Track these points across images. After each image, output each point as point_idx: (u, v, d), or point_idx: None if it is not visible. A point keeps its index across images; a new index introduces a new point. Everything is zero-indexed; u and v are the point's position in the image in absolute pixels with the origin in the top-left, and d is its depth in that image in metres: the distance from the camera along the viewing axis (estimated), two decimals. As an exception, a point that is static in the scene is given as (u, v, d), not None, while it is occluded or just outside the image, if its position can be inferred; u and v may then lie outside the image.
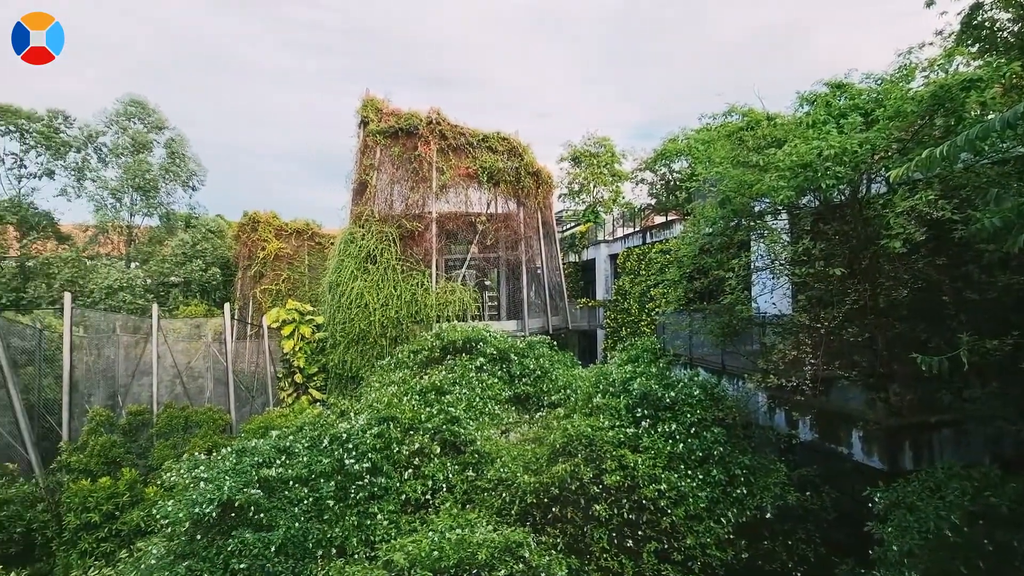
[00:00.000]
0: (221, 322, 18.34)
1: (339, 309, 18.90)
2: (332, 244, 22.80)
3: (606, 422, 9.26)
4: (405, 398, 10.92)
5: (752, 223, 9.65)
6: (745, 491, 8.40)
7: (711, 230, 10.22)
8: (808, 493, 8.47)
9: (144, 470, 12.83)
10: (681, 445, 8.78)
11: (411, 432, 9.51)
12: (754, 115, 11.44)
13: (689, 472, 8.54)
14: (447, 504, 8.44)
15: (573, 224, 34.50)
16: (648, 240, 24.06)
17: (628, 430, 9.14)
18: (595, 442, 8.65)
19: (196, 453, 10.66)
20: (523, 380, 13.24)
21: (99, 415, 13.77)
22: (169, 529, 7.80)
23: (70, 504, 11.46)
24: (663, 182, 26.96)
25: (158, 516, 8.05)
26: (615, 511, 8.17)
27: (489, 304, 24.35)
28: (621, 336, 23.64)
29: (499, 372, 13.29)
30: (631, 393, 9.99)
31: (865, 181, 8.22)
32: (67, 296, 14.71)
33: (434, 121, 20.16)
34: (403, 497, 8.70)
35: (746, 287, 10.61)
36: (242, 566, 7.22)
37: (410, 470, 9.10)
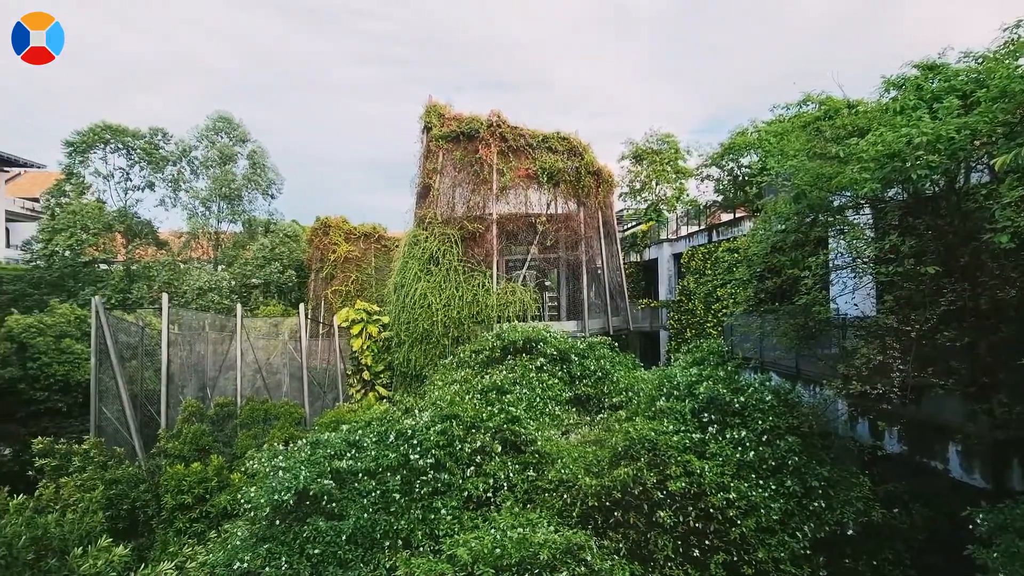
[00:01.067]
0: (296, 321, 19.50)
1: (404, 309, 19.54)
2: (397, 246, 23.63)
3: (670, 426, 8.99)
4: (467, 397, 11.12)
5: (830, 218, 9.03)
6: (823, 505, 7.89)
7: (784, 227, 9.66)
8: (896, 510, 7.82)
9: (230, 457, 13.86)
10: (752, 453, 8.37)
11: (473, 430, 9.67)
12: (833, 103, 10.73)
13: (761, 482, 8.12)
14: (508, 503, 8.51)
15: (634, 223, 33.76)
16: (714, 238, 23.12)
17: (694, 435, 8.83)
18: (659, 446, 8.42)
19: (275, 444, 11.40)
20: (583, 381, 13.12)
21: (191, 406, 15.01)
22: (252, 513, 8.39)
23: (167, 486, 12.59)
24: (730, 178, 25.79)
25: (242, 501, 8.69)
26: (680, 519, 7.91)
27: (549, 304, 24.31)
28: (685, 338, 22.87)
29: (559, 373, 13.25)
30: (697, 397, 9.64)
31: (963, 170, 7.48)
32: (164, 297, 16.18)
33: (494, 124, 20.41)
34: (465, 494, 8.85)
35: (823, 287, 9.94)
36: (316, 552, 7.64)
37: (472, 467, 9.25)
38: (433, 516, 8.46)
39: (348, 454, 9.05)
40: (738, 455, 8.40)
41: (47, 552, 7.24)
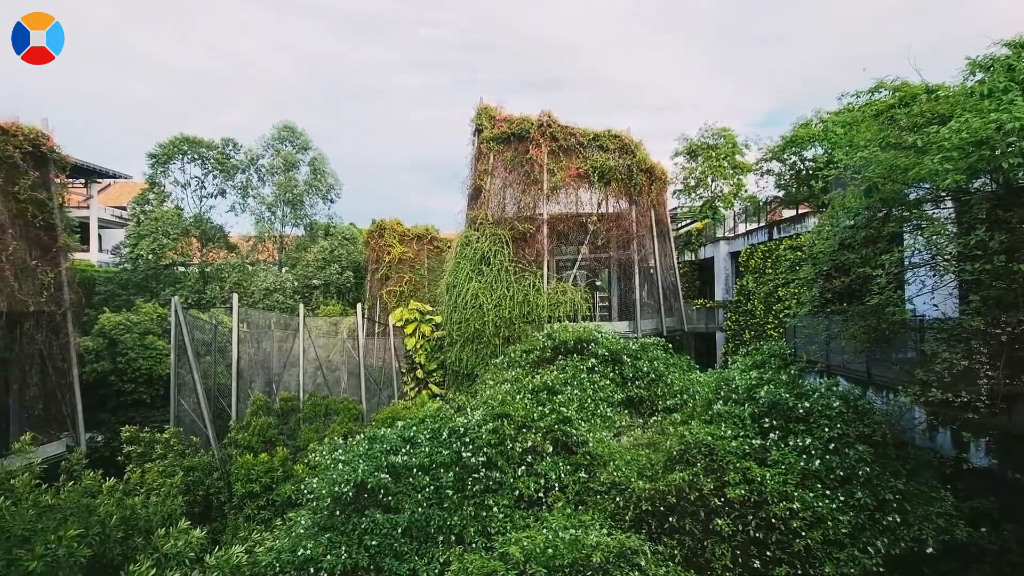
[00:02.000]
0: (354, 321, 20.27)
1: (455, 309, 19.87)
2: (449, 247, 24.06)
3: (728, 431, 8.67)
4: (518, 396, 11.17)
5: (906, 213, 8.42)
6: (898, 519, 7.36)
7: (853, 222, 9.10)
8: (984, 529, 7.18)
9: (293, 449, 14.58)
10: (818, 462, 7.93)
11: (524, 430, 9.70)
12: (908, 89, 9.99)
13: (828, 492, 7.69)
14: (560, 504, 8.49)
15: (689, 221, 32.79)
16: (775, 236, 22.09)
17: (754, 441, 8.47)
18: (716, 451, 8.14)
19: (335, 438, 11.90)
20: (636, 383, 12.87)
21: (258, 400, 15.90)
22: (314, 503, 8.79)
23: (237, 475, 13.40)
24: (792, 172, 24.55)
25: (305, 491, 9.13)
26: (739, 527, 7.62)
27: (600, 305, 24.01)
28: (744, 339, 21.97)
29: (611, 374, 13.06)
30: (757, 401, 9.24)
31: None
32: (235, 297, 17.24)
33: (545, 124, 20.40)
34: (516, 493, 8.90)
35: (898, 286, 9.27)
36: (373, 543, 7.91)
37: (523, 467, 9.29)
38: (485, 513, 8.56)
39: (403, 450, 9.31)
40: (802, 463, 7.99)
41: (134, 531, 7.89)
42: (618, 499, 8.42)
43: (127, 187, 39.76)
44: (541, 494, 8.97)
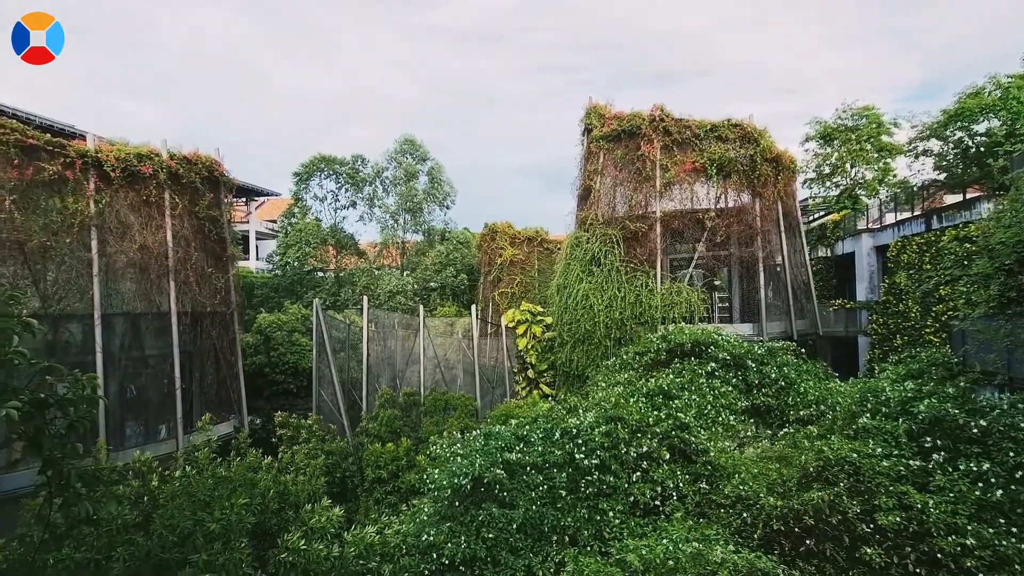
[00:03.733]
0: (468, 321, 21.17)
1: (566, 310, 19.87)
2: (559, 249, 24.15)
3: (877, 448, 7.65)
4: (631, 399, 10.86)
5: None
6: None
7: (1047, 206, 7.56)
8: None
9: (415, 440, 15.60)
10: (999, 492, 6.69)
11: (639, 434, 9.41)
12: None
13: (1014, 530, 6.45)
14: (678, 514, 8.10)
15: (823, 213, 29.55)
16: (935, 225, 19.09)
17: (911, 462, 7.38)
18: (863, 471, 7.22)
19: (453, 432, 12.51)
20: (762, 391, 11.87)
21: (386, 393, 17.24)
22: (435, 493, 9.31)
23: (367, 461, 14.66)
24: (958, 150, 21.02)
25: (427, 481, 9.72)
26: (894, 559, 6.68)
27: (719, 305, 22.53)
28: (894, 345, 19.27)
29: (733, 380, 12.18)
30: (915, 416, 8.05)
31: None
32: (364, 299, 18.90)
33: (657, 118, 19.64)
34: (631, 499, 8.65)
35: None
36: (490, 536, 8.18)
37: (638, 473, 9.01)
38: (599, 517, 8.44)
39: (517, 447, 9.51)
40: (977, 492, 6.79)
41: (286, 505, 8.97)
42: (744, 515, 7.81)
43: (277, 203, 45.49)
44: (657, 502, 8.62)
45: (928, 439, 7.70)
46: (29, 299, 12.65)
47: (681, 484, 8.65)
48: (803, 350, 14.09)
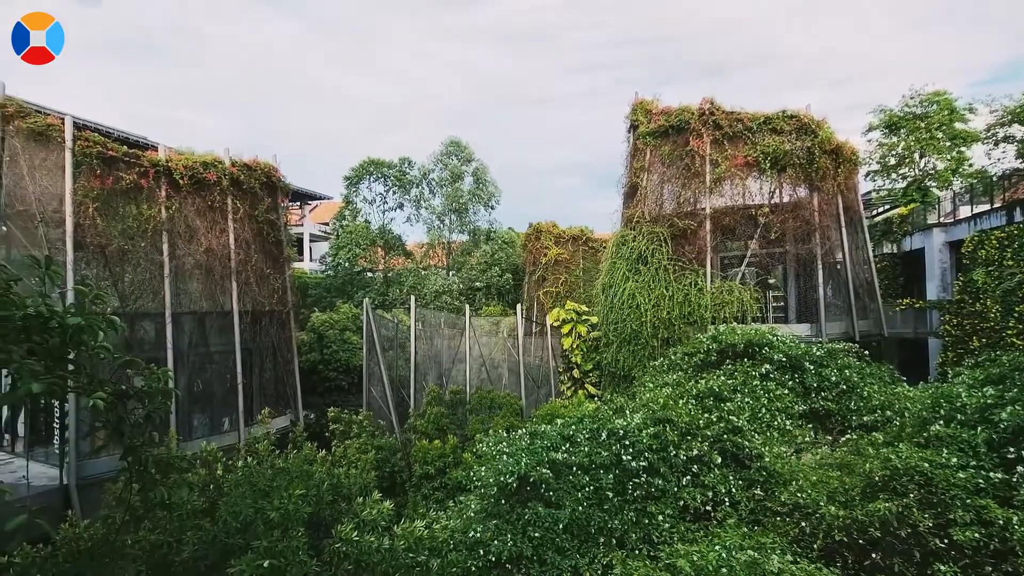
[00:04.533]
0: (514, 321, 21.26)
1: (612, 310, 19.61)
2: (604, 248, 23.85)
3: (952, 458, 7.12)
4: (680, 401, 10.59)
5: None
6: None
7: None
8: None
9: (462, 438, 15.81)
10: (1097, 510, 6.10)
11: (688, 437, 9.16)
12: None
13: (1114, 551, 5.86)
14: (731, 520, 7.83)
15: (888, 207, 27.82)
16: (1018, 218, 17.61)
17: (991, 474, 6.83)
18: (935, 482, 6.75)
19: (499, 430, 12.60)
20: (821, 394, 11.30)
21: (433, 391, 17.57)
22: (482, 491, 9.41)
23: (415, 457, 14.98)
24: (1045, 136, 19.29)
25: (473, 478, 9.83)
26: (972, 578, 6.20)
27: (774, 305, 21.62)
28: (971, 348, 17.92)
29: (789, 382, 11.65)
30: (995, 425, 7.45)
31: None
32: (412, 299, 19.32)
33: (707, 112, 19.07)
34: (681, 503, 8.44)
35: None
36: (536, 535, 8.18)
37: (688, 476, 8.78)
38: (647, 520, 8.28)
39: (563, 447, 9.47)
40: (1070, 509, 6.21)
41: (339, 497, 9.30)
42: (803, 524, 7.46)
43: (329, 206, 47.20)
44: (708, 507, 8.37)
45: (1011, 450, 7.10)
46: (110, 298, 13.67)
47: (734, 489, 8.37)
48: (866, 352, 13.32)
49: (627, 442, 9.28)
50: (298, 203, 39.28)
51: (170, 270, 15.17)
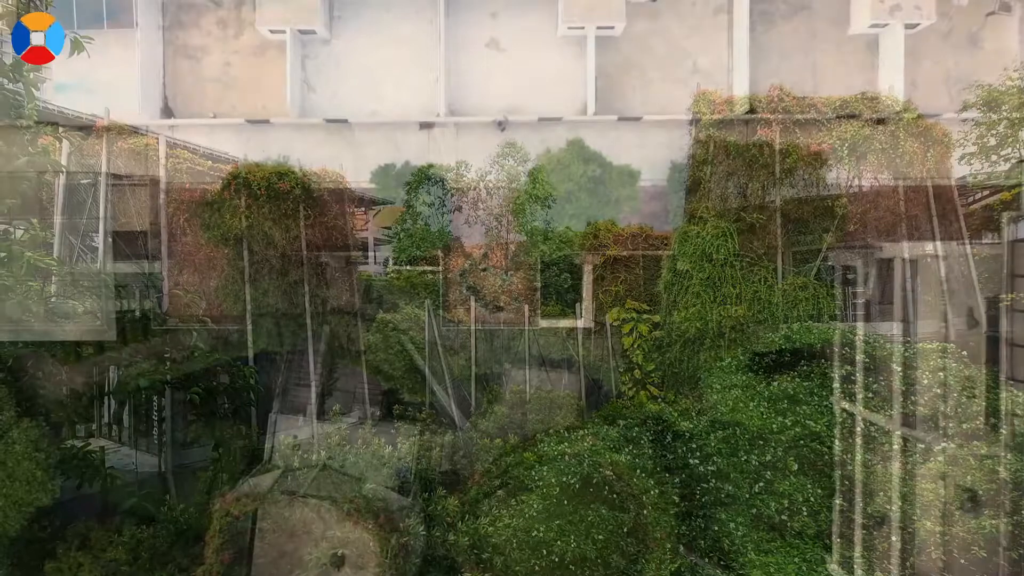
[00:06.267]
0: (573, 321, 21.09)
1: (674, 308, 19.00)
2: (665, 245, 23.16)
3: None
4: (751, 404, 10.12)
5: None
6: None
7: None
8: None
9: (522, 437, 15.87)
10: None
11: (760, 442, 8.74)
12: None
13: None
14: (810, 531, 7.38)
15: (988, 192, 25.18)
16: None
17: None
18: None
19: (559, 430, 12.55)
20: (911, 398, 10.40)
21: (494, 391, 17.76)
22: (544, 490, 9.42)
23: (476, 455, 15.20)
24: None
25: (535, 477, 9.85)
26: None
27: (853, 302, 20.15)
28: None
29: (874, 385, 10.82)
30: None
31: None
32: (472, 300, 19.63)
33: (775, 99, 18.07)
34: (753, 511, 8.06)
35: None
36: (600, 536, 8.09)
37: (760, 483, 8.36)
38: (717, 527, 7.97)
39: (626, 449, 9.31)
40: None
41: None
42: (893, 538, 6.90)
43: (392, 211, 48.78)
44: (784, 517, 7.94)
45: None
46: (200, 302, 14.86)
47: (812, 499, 7.88)
48: (964, 353, 12.15)
49: (693, 445, 8.99)
50: (363, 208, 40.96)
51: (249, 275, 16.26)
